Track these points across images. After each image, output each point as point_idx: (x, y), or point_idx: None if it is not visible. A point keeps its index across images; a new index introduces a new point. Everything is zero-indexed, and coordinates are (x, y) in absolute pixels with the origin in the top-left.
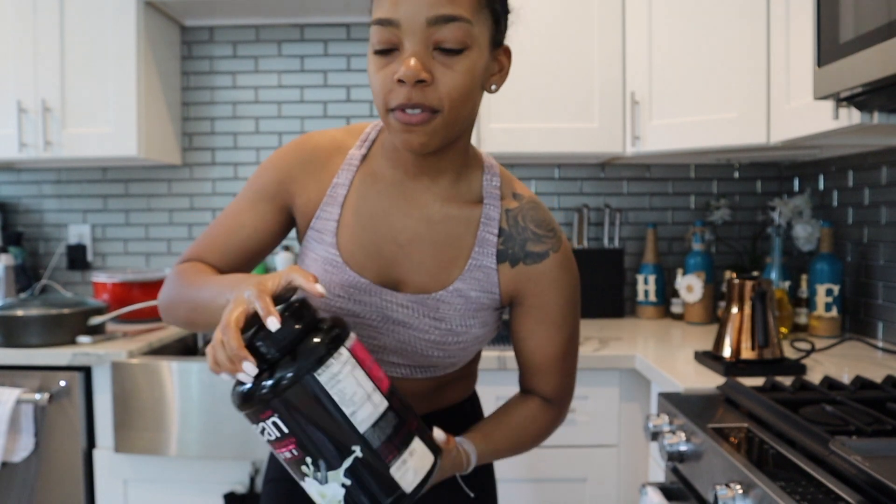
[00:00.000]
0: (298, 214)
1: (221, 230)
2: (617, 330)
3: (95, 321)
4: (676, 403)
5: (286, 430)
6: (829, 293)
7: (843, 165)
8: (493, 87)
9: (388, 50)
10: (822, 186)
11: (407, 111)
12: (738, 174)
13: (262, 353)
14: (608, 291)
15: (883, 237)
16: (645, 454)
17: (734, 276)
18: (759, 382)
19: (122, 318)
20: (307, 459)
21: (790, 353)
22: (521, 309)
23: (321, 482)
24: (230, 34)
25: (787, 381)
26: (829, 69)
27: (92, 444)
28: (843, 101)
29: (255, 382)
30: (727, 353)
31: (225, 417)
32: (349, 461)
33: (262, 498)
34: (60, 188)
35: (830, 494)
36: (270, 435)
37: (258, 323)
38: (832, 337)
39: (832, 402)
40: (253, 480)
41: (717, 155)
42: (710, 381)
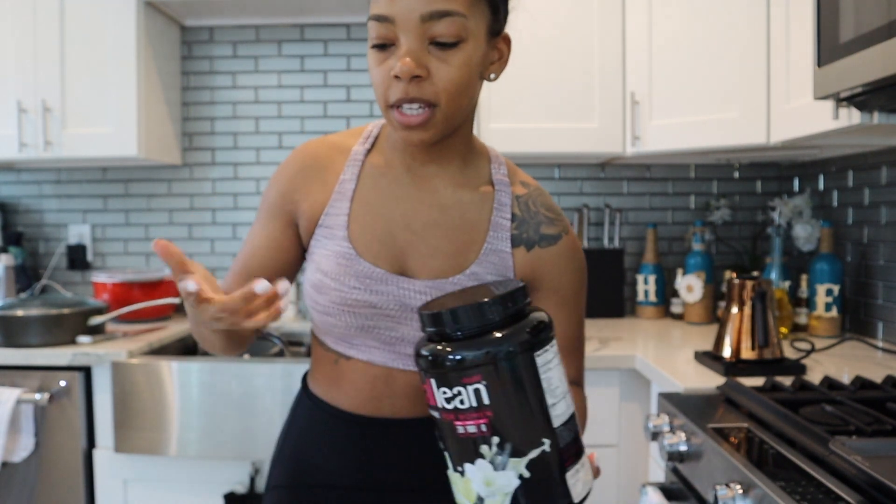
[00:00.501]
0: (304, 220)
1: (241, 260)
2: (617, 330)
3: (95, 321)
4: (676, 403)
5: (487, 401)
6: (829, 293)
7: (843, 165)
8: (492, 75)
9: (385, 45)
10: (822, 186)
11: (405, 110)
12: (738, 174)
13: (489, 317)
14: (608, 291)
15: (883, 237)
16: (645, 454)
17: (734, 276)
18: (759, 382)
19: (122, 318)
20: (493, 439)
21: (790, 353)
22: (538, 294)
23: (497, 468)
24: (230, 34)
25: (787, 381)
26: (829, 69)
27: (92, 444)
28: (843, 101)
29: (469, 344)
30: (727, 353)
31: (225, 417)
32: (536, 452)
33: None
34: (60, 188)
35: (830, 494)
36: (463, 403)
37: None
38: (832, 337)
39: (832, 402)
40: (253, 480)
41: (717, 155)
42: (710, 381)
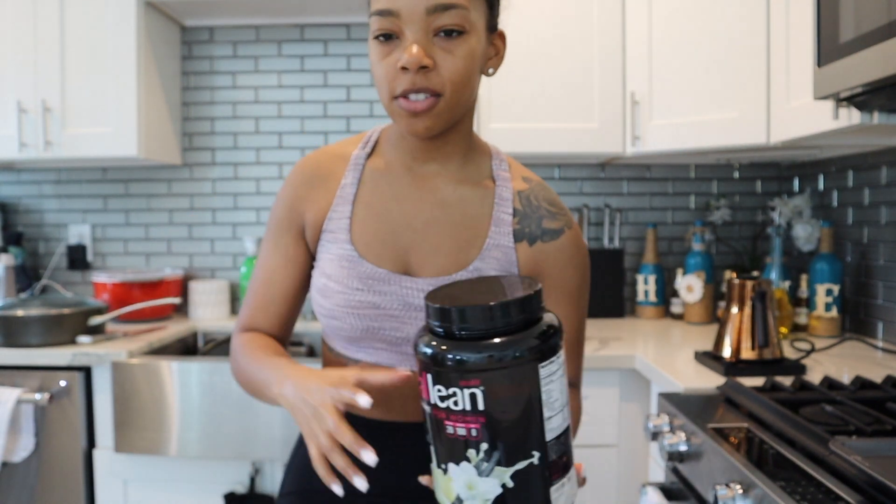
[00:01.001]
0: (310, 228)
1: (259, 287)
2: (617, 330)
3: (95, 321)
4: (676, 403)
5: (482, 406)
6: (828, 293)
7: (843, 165)
8: (490, 70)
9: (388, 37)
10: (822, 186)
11: (411, 98)
12: (738, 174)
13: (497, 320)
14: (608, 291)
15: (883, 237)
16: (645, 454)
17: (734, 276)
18: (759, 382)
19: (122, 318)
20: (482, 445)
21: (790, 353)
22: None
23: (482, 474)
24: (230, 34)
25: (787, 381)
26: (829, 69)
27: (92, 443)
28: (843, 101)
29: (473, 347)
30: (727, 353)
31: (225, 417)
32: (523, 464)
33: None
34: (60, 188)
35: (830, 494)
36: (457, 405)
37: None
38: (832, 337)
39: (832, 402)
40: (253, 480)
41: (717, 155)
42: (710, 381)
